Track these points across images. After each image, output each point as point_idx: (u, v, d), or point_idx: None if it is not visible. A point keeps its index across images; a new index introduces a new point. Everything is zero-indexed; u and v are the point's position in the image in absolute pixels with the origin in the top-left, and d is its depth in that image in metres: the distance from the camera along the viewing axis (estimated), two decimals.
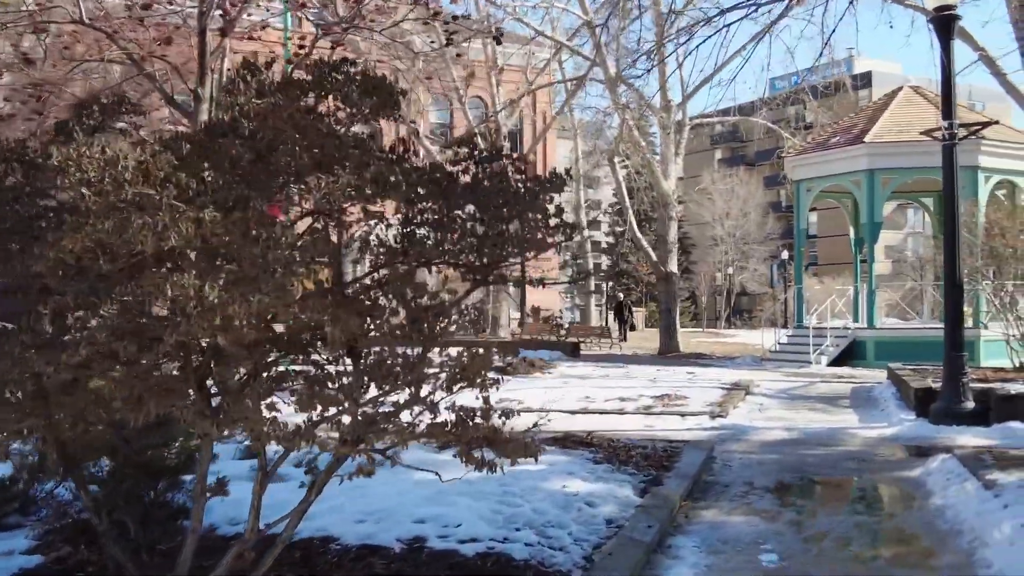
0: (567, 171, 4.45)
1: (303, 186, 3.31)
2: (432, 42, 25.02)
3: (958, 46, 12.85)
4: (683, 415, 12.87)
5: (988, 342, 20.26)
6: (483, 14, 28.52)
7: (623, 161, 42.84)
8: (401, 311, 3.24)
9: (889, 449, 10.53)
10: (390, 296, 3.23)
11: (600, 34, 22.12)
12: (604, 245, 74.93)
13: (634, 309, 45.00)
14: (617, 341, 33.17)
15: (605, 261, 73.70)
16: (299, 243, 3.18)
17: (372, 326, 3.16)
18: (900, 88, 26.25)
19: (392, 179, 3.42)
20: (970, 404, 11.63)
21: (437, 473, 3.77)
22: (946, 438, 10.79)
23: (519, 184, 4.12)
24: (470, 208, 4.00)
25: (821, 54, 13.56)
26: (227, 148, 3.33)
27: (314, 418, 3.19)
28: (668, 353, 27.91)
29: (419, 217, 4.06)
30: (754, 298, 68.40)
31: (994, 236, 17.22)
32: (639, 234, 31.07)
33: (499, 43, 14.00)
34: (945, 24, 12.30)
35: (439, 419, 3.25)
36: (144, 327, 3.23)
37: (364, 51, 16.50)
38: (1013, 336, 16.48)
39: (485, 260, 3.74)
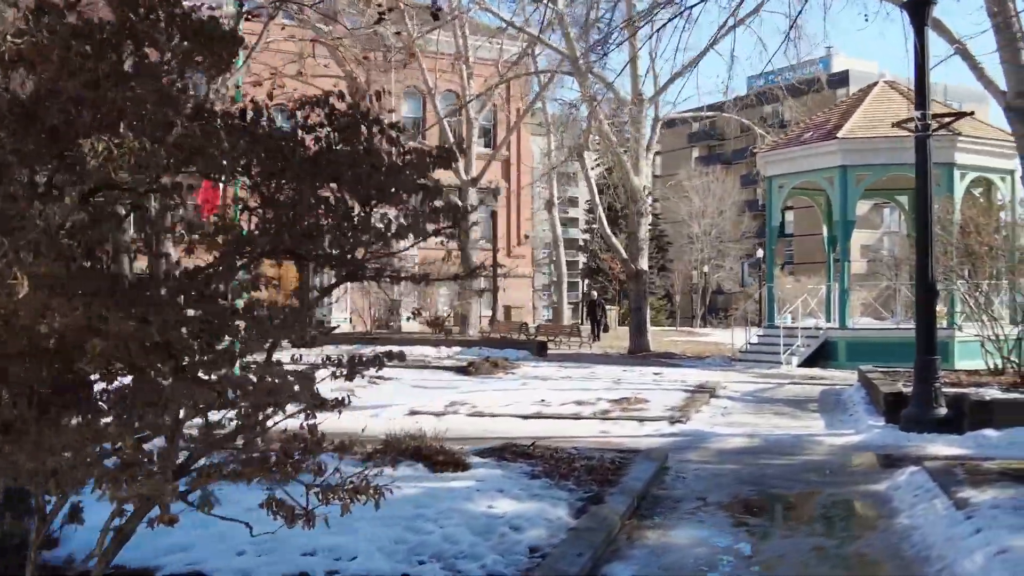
0: (458, 145, 3.72)
1: (78, 151, 2.55)
2: (397, 33, 24.21)
3: (934, 41, 12.26)
4: (641, 420, 12.18)
5: (962, 343, 19.70)
6: (454, 4, 27.71)
7: (598, 159, 42.16)
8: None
9: (856, 459, 9.89)
10: (174, 297, 2.47)
11: (547, 4, 21.13)
12: (581, 242, 74.26)
13: (608, 307, 44.23)
14: (588, 340, 32.44)
15: (582, 259, 73.02)
16: (65, 225, 2.42)
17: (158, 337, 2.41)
18: (875, 83, 25.60)
19: (203, 145, 2.66)
20: (942, 410, 11.01)
21: (248, 524, 3.03)
22: (916, 447, 10.18)
23: (395, 157, 3.38)
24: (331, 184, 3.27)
25: (787, 36, 12.85)
26: None
27: (88, 459, 2.45)
28: (638, 352, 27.22)
29: (278, 196, 3.33)
30: (730, 296, 68.07)
31: (969, 234, 16.56)
32: (609, 231, 30.46)
33: (436, 19, 13.32)
34: (918, 10, 11.70)
35: (255, 454, 2.53)
36: None
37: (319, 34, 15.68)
38: (988, 338, 15.89)
39: (336, 250, 2.99)
